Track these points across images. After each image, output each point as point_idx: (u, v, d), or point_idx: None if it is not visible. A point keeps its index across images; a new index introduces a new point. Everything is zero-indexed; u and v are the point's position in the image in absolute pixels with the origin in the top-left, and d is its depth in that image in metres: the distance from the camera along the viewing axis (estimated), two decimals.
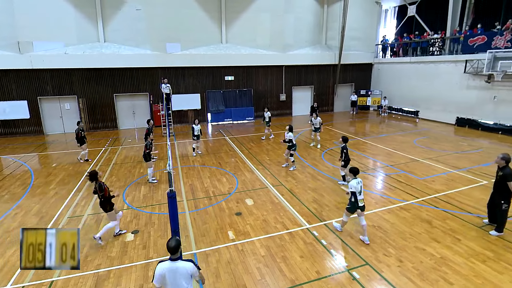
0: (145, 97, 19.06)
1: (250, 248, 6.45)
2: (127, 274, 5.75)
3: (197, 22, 19.07)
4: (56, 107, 17.84)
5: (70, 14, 16.96)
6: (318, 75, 22.39)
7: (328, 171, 10.88)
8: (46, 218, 7.92)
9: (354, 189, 6.46)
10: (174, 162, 12.21)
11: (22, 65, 16.35)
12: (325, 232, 6.98)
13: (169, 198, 3.99)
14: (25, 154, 13.79)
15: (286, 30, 20.81)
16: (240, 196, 9.02)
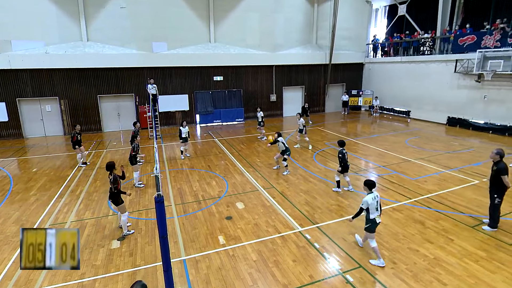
0: (131, 98, 18.83)
1: (241, 253, 6.42)
2: (113, 283, 5.65)
3: (185, 20, 18.98)
4: (36, 109, 17.45)
5: (51, 12, 16.64)
6: (309, 75, 22.56)
7: (320, 172, 10.95)
8: (27, 225, 7.71)
9: (369, 206, 5.78)
10: (161, 166, 12.09)
11: (0, 65, 15.94)
12: (317, 235, 7.01)
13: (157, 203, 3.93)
14: (3, 159, 13.43)
15: (276, 29, 20.91)
16: (230, 199, 8.99)
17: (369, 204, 5.81)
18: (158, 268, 5.98)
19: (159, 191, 4.02)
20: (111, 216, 8.13)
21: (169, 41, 18.70)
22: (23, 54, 16.18)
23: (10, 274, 5.94)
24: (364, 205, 5.83)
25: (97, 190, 9.83)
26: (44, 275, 5.86)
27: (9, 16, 15.77)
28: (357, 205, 8.38)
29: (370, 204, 5.82)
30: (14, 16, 15.85)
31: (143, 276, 5.81)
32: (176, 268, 5.96)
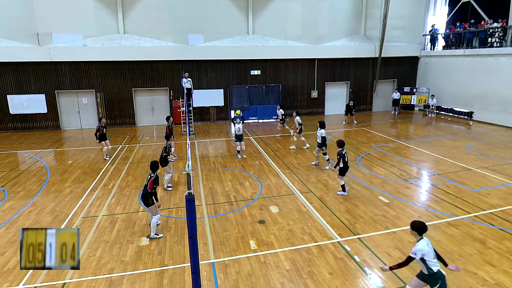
0: (165, 92, 19.59)
1: (273, 261, 6.43)
2: (141, 281, 5.93)
3: (222, 11, 19.33)
4: (73, 102, 18.79)
5: (90, 4, 17.80)
6: (355, 69, 21.95)
7: (364, 178, 10.63)
8: (61, 217, 8.36)
9: (424, 255, 4.69)
10: (193, 163, 12.45)
11: (41, 57, 17.37)
12: (358, 247, 6.82)
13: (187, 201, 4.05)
14: (41, 149, 14.63)
15: (320, 19, 20.59)
16: (264, 202, 9.03)
17: (424, 253, 4.64)
18: (186, 269, 6.18)
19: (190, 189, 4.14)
20: (142, 213, 8.53)
21: (205, 33, 19.17)
22: (62, 47, 17.49)
23: None
24: (417, 255, 4.67)
25: (129, 185, 10.36)
26: None
27: (50, 10, 17.11)
28: (405, 216, 8.03)
29: (426, 253, 4.64)
30: (54, 10, 17.18)
31: (170, 276, 6.03)
32: (205, 271, 6.12)
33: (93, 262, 6.50)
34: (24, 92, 17.90)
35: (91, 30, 18.08)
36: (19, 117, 18.16)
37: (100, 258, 6.62)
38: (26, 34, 17.07)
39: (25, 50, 17.17)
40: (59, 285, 5.84)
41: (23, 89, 17.86)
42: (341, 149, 9.22)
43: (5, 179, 11.06)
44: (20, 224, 8.01)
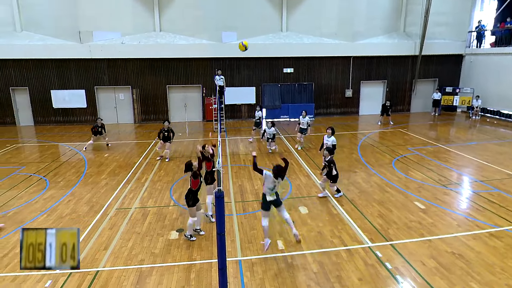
0: (198, 89, 20.00)
1: (300, 262, 6.39)
2: (169, 273, 6.12)
3: (256, 8, 19.40)
4: (111, 97, 19.69)
5: (128, 3, 18.54)
6: (393, 68, 21.22)
7: (399, 182, 10.28)
8: (96, 207, 8.81)
9: None
10: (224, 160, 12.63)
11: (82, 54, 18.34)
12: (391, 254, 6.61)
13: (217, 198, 4.14)
14: (80, 142, 15.47)
15: (357, 16, 20.08)
16: (293, 202, 9.00)
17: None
18: (213, 265, 6.30)
19: (220, 186, 4.23)
20: (172, 207, 8.79)
21: (239, 31, 19.33)
22: (102, 44, 18.36)
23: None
24: None
25: (161, 180, 10.71)
26: (107, 257, 6.62)
27: (92, 9, 18.03)
28: (443, 224, 7.68)
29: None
30: (95, 9, 18.07)
31: (198, 270, 6.17)
32: (231, 268, 6.20)
33: (125, 252, 6.80)
34: (66, 87, 19.00)
35: (128, 28, 18.83)
36: (61, 111, 19.31)
37: (131, 249, 6.91)
38: (69, 32, 18.11)
39: (68, 48, 18.21)
40: (92, 273, 6.16)
41: (65, 84, 18.97)
42: (331, 156, 8.90)
43: (47, 169, 11.82)
44: (59, 212, 8.53)
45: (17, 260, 6.47)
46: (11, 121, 19.23)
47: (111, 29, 18.57)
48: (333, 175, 8.88)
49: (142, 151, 13.90)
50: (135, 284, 5.84)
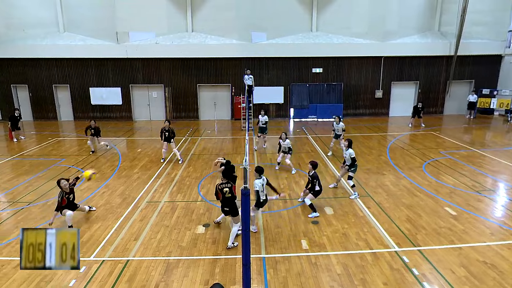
0: (227, 88, 20.21)
1: (324, 263, 6.31)
2: (195, 266, 6.24)
3: (286, 8, 19.31)
4: (144, 95, 20.34)
5: (162, 4, 19.05)
6: (425, 68, 20.41)
7: (429, 186, 9.88)
8: (128, 199, 9.14)
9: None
10: (251, 158, 12.68)
11: (119, 54, 19.08)
12: (418, 260, 6.37)
13: (243, 195, 4.16)
14: (115, 137, 16.08)
15: (388, 15, 19.49)
16: (318, 203, 8.88)
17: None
18: (237, 261, 6.35)
19: (246, 183, 4.24)
20: (199, 202, 8.95)
21: (268, 31, 19.34)
22: (137, 44, 19.00)
23: (111, 240, 7.14)
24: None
25: (190, 176, 10.93)
26: (137, 247, 6.85)
27: (128, 10, 18.71)
28: (475, 232, 7.31)
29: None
30: (132, 10, 18.75)
31: (222, 265, 6.25)
32: (255, 265, 6.23)
33: (154, 244, 7.01)
34: (103, 85, 19.85)
35: (162, 29, 19.35)
36: (98, 107, 20.20)
37: (160, 241, 7.11)
38: (107, 33, 18.90)
39: (106, 47, 19.01)
40: (123, 261, 6.40)
41: (102, 82, 19.82)
42: (314, 171, 8.20)
43: (84, 162, 12.40)
44: (94, 203, 8.92)
45: None
46: (53, 116, 20.36)
47: (146, 29, 19.17)
48: (317, 190, 8.13)
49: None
50: (163, 275, 6.01)
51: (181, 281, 5.84)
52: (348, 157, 9.20)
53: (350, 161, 9.13)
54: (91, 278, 5.93)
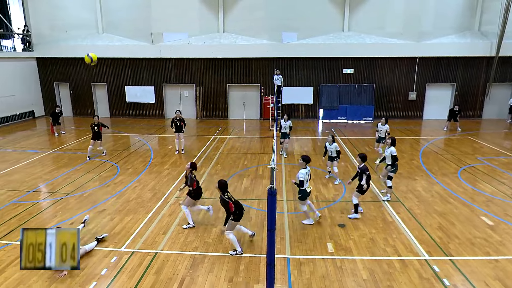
0: (256, 88, 20.29)
1: (350, 267, 6.18)
2: (220, 263, 6.33)
3: (317, 8, 19.06)
4: (176, 94, 20.86)
5: (195, 5, 19.43)
6: (463, 70, 19.42)
7: (464, 193, 9.40)
8: (159, 194, 9.41)
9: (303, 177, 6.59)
10: (278, 159, 12.66)
11: (153, 54, 19.68)
12: (449, 270, 6.08)
13: (269, 195, 4.17)
14: (148, 134, 16.62)
15: (425, 14, 18.71)
16: (346, 206, 8.72)
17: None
18: (261, 260, 6.37)
19: (273, 183, 4.24)
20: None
21: (299, 31, 19.19)
22: (170, 45, 19.50)
23: (141, 232, 7.39)
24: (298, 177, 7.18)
25: (217, 173, 11.09)
26: (166, 241, 7.04)
27: (162, 11, 19.24)
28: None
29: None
30: (166, 11, 19.24)
31: (247, 263, 6.29)
32: (279, 265, 6.21)
33: (181, 238, 7.17)
34: (138, 84, 20.57)
35: (195, 29, 19.74)
36: (132, 105, 20.97)
37: (187, 236, 7.27)
38: (142, 34, 19.57)
39: (141, 48, 19.68)
40: (152, 254, 6.61)
41: (137, 81, 20.55)
42: (364, 164, 7.94)
43: (118, 157, 12.92)
44: (127, 196, 9.27)
45: (89, 236, 7.19)
46: (91, 112, 21.33)
47: (179, 30, 19.64)
48: (360, 185, 7.86)
49: (202, 145, 14.50)
50: (189, 269, 6.14)
51: (206, 277, 5.94)
52: (389, 155, 8.91)
53: (391, 160, 8.83)
54: (121, 268, 6.17)
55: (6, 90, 18.82)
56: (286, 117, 12.70)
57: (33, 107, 20.78)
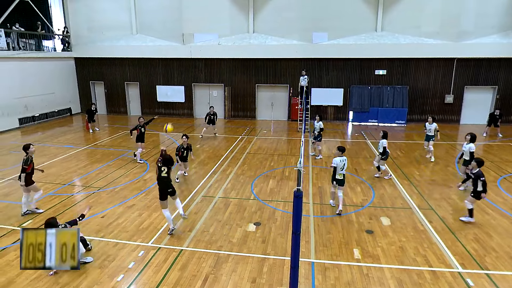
0: (285, 89, 20.21)
1: (377, 275, 6.01)
2: (244, 263, 6.36)
3: (349, 8, 18.69)
4: (205, 94, 21.21)
5: (225, 6, 19.67)
6: (506, 72, 18.32)
7: (504, 204, 8.87)
8: (185, 192, 9.61)
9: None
10: (305, 161, 12.54)
11: (184, 54, 20.13)
12: (485, 285, 5.76)
13: (295, 197, 4.13)
14: (177, 133, 16.99)
15: (464, 12, 17.84)
16: (374, 212, 8.49)
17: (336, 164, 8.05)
18: (285, 263, 6.33)
19: (299, 186, 4.21)
20: (252, 200, 9.09)
21: (330, 31, 18.91)
22: (201, 45, 19.86)
23: (167, 229, 7.54)
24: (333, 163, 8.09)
25: (244, 174, 11.15)
26: (191, 238, 7.17)
27: (193, 13, 19.66)
28: None
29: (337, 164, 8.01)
30: (197, 12, 19.65)
31: (271, 265, 6.27)
32: (303, 269, 6.15)
33: (206, 237, 7.28)
34: (169, 83, 21.12)
35: (225, 30, 19.98)
36: (163, 104, 21.56)
37: (212, 235, 7.36)
38: (174, 34, 20.08)
39: (172, 48, 20.19)
40: (177, 250, 6.75)
41: (168, 81, 21.11)
42: (479, 169, 7.65)
43: (148, 154, 13.31)
44: (155, 193, 9.51)
45: (119, 229, 7.46)
46: (124, 111, 22.19)
47: (210, 31, 19.95)
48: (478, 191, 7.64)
49: (229, 145, 14.64)
50: (212, 267, 6.22)
51: (229, 276, 5.99)
52: (467, 151, 9.42)
53: (469, 156, 9.22)
54: (148, 262, 6.36)
55: (47, 88, 19.96)
56: (318, 118, 12.81)
57: (70, 105, 21.91)
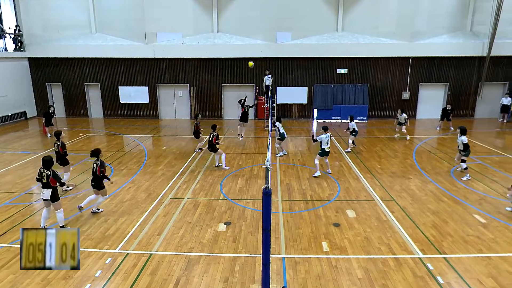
0: (251, 88, 20.27)
1: (345, 266, 6.21)
2: (215, 263, 6.32)
3: (311, 8, 19.10)
4: (170, 94, 20.76)
5: (189, 5, 19.34)
6: (456, 70, 19.63)
7: (457, 192, 9.51)
8: (153, 195, 9.36)
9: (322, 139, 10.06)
10: (273, 158, 12.67)
11: (146, 54, 19.56)
12: (443, 268, 6.15)
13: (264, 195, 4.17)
14: (142, 135, 16.52)
15: (418, 14, 18.87)
16: (340, 205, 8.76)
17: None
18: (257, 260, 6.37)
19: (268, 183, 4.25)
20: (221, 200, 9.04)
21: (293, 31, 19.22)
22: (164, 45, 19.40)
23: (136, 233, 7.34)
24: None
25: (212, 174, 11.06)
26: (160, 242, 7.01)
27: (156, 12, 19.14)
28: (505, 241, 6.97)
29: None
30: (160, 12, 19.14)
31: (242, 263, 6.29)
32: (275, 265, 6.22)
33: (176, 239, 7.15)
34: (132, 84, 20.43)
35: (189, 29, 19.66)
36: (126, 106, 20.82)
37: (182, 237, 7.24)
38: (136, 34, 19.43)
39: (134, 48, 19.55)
40: (146, 255, 6.57)
41: (131, 81, 20.41)
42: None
43: (112, 157, 12.82)
44: (121, 197, 9.21)
45: (83, 237, 7.12)
46: (84, 113, 21.17)
47: (174, 30, 19.55)
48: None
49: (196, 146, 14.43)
50: (184, 270, 6.12)
51: (201, 277, 5.93)
52: (461, 143, 10.41)
53: (463, 147, 10.32)
54: (116, 269, 6.13)
55: None
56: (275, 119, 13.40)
57: (25, 108, 20.53)
